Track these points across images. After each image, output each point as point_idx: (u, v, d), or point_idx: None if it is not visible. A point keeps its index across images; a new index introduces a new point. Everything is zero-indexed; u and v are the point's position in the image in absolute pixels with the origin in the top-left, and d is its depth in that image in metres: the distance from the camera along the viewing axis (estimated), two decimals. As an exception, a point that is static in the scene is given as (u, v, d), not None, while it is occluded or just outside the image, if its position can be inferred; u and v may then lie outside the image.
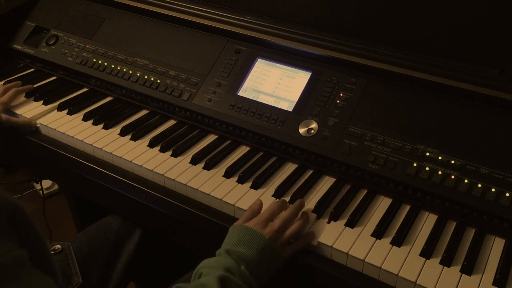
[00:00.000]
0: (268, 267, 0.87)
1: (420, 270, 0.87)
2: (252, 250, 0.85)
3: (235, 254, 0.84)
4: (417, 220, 0.99)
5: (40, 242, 0.70)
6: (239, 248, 0.86)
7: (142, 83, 1.33)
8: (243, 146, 1.20)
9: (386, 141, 1.05)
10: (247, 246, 0.86)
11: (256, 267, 0.84)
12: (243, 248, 0.86)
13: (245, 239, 0.87)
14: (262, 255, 0.86)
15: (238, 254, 0.84)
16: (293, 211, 0.96)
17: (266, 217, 0.93)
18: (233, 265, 0.82)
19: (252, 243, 0.87)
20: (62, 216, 2.30)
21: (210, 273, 0.79)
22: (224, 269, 0.80)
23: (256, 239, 0.87)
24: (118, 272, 1.21)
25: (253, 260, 0.84)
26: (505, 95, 1.00)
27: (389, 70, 1.11)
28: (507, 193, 0.93)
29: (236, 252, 0.85)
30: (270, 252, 0.87)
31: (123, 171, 1.15)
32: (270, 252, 0.87)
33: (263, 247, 0.86)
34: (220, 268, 0.81)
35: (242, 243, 0.87)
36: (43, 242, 0.71)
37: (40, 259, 0.67)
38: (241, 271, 0.82)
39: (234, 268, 0.81)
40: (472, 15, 1.10)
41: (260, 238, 0.87)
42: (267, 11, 1.32)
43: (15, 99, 1.36)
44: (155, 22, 1.43)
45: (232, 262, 0.82)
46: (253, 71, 1.24)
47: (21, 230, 0.65)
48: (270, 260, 0.87)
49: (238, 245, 0.86)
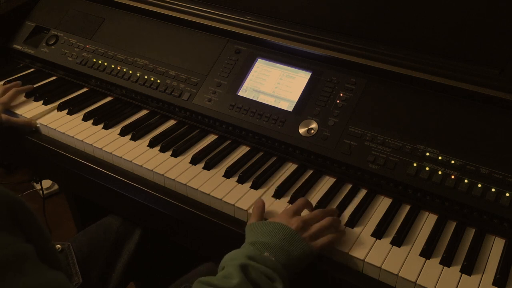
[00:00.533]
0: (297, 255, 0.83)
1: (420, 270, 0.86)
2: (275, 239, 0.83)
3: (257, 243, 0.83)
4: (417, 220, 0.99)
5: (44, 237, 0.70)
6: (262, 238, 0.84)
7: (142, 83, 1.33)
8: (243, 146, 1.20)
9: (386, 141, 1.05)
10: (270, 236, 0.84)
11: (282, 254, 0.81)
12: (266, 238, 0.84)
13: (268, 231, 0.85)
14: (288, 243, 0.83)
15: (260, 243, 0.82)
16: (324, 211, 0.94)
17: (292, 210, 0.91)
18: (255, 253, 0.80)
19: (276, 233, 0.85)
20: (62, 216, 2.30)
21: (231, 264, 0.78)
22: (246, 257, 0.79)
23: (280, 229, 0.85)
24: (118, 272, 1.21)
25: (278, 246, 0.82)
26: (505, 95, 1.00)
27: (389, 70, 1.11)
28: (507, 193, 0.93)
29: (259, 241, 0.83)
30: (296, 240, 0.84)
31: (123, 171, 1.15)
32: (296, 240, 0.84)
33: (289, 236, 0.84)
34: (242, 257, 0.79)
35: (266, 234, 0.85)
36: (47, 237, 0.71)
37: (46, 254, 0.67)
38: (264, 256, 0.80)
39: (256, 255, 0.79)
40: (472, 15, 1.10)
41: (284, 227, 0.85)
42: (267, 11, 1.32)
43: (15, 99, 1.36)
44: (155, 22, 1.43)
45: (254, 250, 0.81)
46: (253, 71, 1.24)
47: (25, 225, 0.65)
48: (296, 249, 0.84)
49: (261, 236, 0.85)
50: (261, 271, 0.77)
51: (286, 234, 0.84)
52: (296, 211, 0.92)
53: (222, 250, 0.87)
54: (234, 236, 0.98)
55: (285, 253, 0.82)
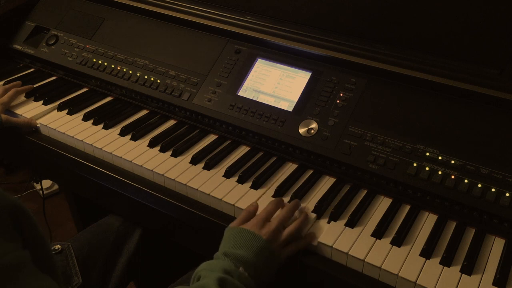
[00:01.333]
0: (267, 268, 0.87)
1: (420, 270, 0.86)
2: (249, 251, 0.85)
3: (233, 256, 0.84)
4: (417, 220, 0.99)
5: (42, 242, 0.70)
6: (237, 250, 0.85)
7: (142, 83, 1.33)
8: (243, 146, 1.20)
9: (386, 141, 1.05)
10: (244, 248, 0.86)
11: (254, 269, 0.84)
12: (240, 250, 0.85)
13: (242, 241, 0.87)
14: (260, 256, 0.86)
15: (236, 256, 0.84)
16: (288, 209, 0.96)
17: (263, 217, 0.92)
18: (231, 267, 0.81)
19: (250, 244, 0.86)
20: (62, 216, 2.30)
21: (209, 276, 0.79)
22: (223, 271, 0.80)
23: (253, 241, 0.87)
24: (118, 272, 1.21)
25: (251, 261, 0.84)
26: (505, 95, 1.00)
27: (389, 70, 1.11)
28: (507, 193, 0.93)
29: (234, 254, 0.84)
30: (268, 252, 0.87)
31: (123, 171, 1.15)
32: (268, 252, 0.87)
33: (261, 248, 0.86)
34: (218, 270, 0.80)
35: (240, 245, 0.86)
36: (45, 242, 0.71)
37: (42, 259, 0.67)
38: (240, 272, 0.82)
39: (232, 270, 0.81)
40: (472, 15, 1.10)
41: (257, 239, 0.87)
42: (267, 11, 1.32)
43: (15, 99, 1.36)
44: (155, 22, 1.43)
45: (230, 264, 0.82)
46: (253, 71, 1.24)
47: (24, 230, 0.65)
48: (269, 261, 0.87)
49: (236, 247, 0.86)
50: (236, 286, 0.79)
51: (259, 246, 0.86)
52: (267, 217, 0.93)
53: (222, 250, 0.87)
54: (234, 236, 0.98)
55: (257, 267, 0.85)
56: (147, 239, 1.27)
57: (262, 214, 0.94)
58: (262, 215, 0.93)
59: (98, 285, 1.18)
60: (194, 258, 1.20)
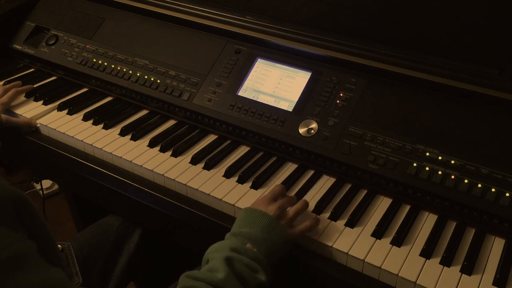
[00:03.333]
0: (276, 245, 0.85)
1: (420, 270, 0.87)
2: (257, 228, 0.85)
3: (240, 235, 0.84)
4: (417, 220, 0.99)
5: (47, 234, 0.70)
6: (244, 228, 0.86)
7: (142, 83, 1.33)
8: (243, 146, 1.20)
9: (386, 141, 1.05)
10: (252, 226, 0.86)
11: (263, 244, 0.83)
12: (247, 228, 0.85)
13: (249, 219, 0.87)
14: (268, 231, 0.85)
15: (243, 234, 0.84)
16: (294, 196, 0.98)
17: (269, 197, 0.93)
18: (238, 245, 0.81)
19: (256, 221, 0.86)
20: (62, 216, 2.30)
21: (216, 257, 0.79)
22: (230, 249, 0.80)
23: (260, 217, 0.87)
24: (118, 272, 1.21)
25: (259, 237, 0.84)
26: (505, 95, 1.00)
27: (389, 70, 1.11)
28: (507, 193, 0.93)
29: (241, 232, 0.84)
30: (276, 228, 0.86)
31: (123, 171, 1.15)
32: (275, 228, 0.86)
33: (268, 224, 0.86)
34: (225, 249, 0.80)
35: (247, 223, 0.87)
36: (50, 234, 0.71)
37: (48, 252, 0.67)
38: (247, 248, 0.81)
39: (239, 247, 0.81)
40: (472, 15, 1.09)
41: (263, 215, 0.87)
42: (267, 11, 1.32)
43: (15, 99, 1.36)
44: (155, 22, 1.43)
45: (237, 242, 0.82)
46: (253, 71, 1.24)
47: (29, 222, 0.65)
48: (277, 236, 0.86)
49: (243, 226, 0.86)
50: (244, 263, 0.79)
51: (266, 222, 0.86)
52: (273, 198, 0.94)
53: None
54: (234, 236, 0.98)
55: (265, 242, 0.84)
56: (147, 239, 1.27)
57: (268, 194, 0.95)
58: (269, 196, 0.94)
59: (98, 285, 1.18)
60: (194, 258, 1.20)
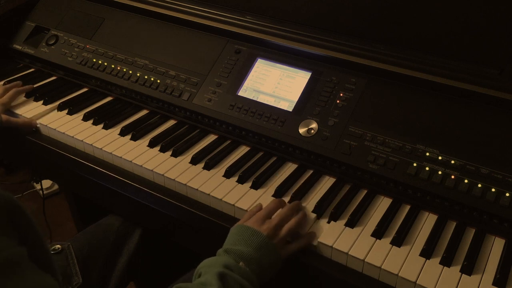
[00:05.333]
0: (269, 264, 0.87)
1: (420, 270, 0.86)
2: (250, 247, 0.86)
3: (233, 252, 0.84)
4: (417, 220, 0.99)
5: (39, 240, 0.69)
6: (237, 246, 0.86)
7: (142, 83, 1.33)
8: (243, 146, 1.20)
9: (386, 141, 1.05)
10: (245, 244, 0.86)
11: (255, 264, 0.84)
12: (241, 246, 0.86)
13: (242, 237, 0.87)
14: (261, 251, 0.86)
15: (236, 252, 0.84)
16: (290, 208, 0.97)
17: (263, 214, 0.93)
18: (231, 262, 0.82)
19: (250, 240, 0.87)
20: (62, 216, 2.30)
21: (209, 271, 0.80)
22: (223, 266, 0.81)
23: (254, 236, 0.87)
24: (118, 272, 1.21)
25: (252, 256, 0.84)
26: (505, 95, 1.00)
27: (389, 70, 1.11)
28: (507, 193, 0.93)
29: (234, 250, 0.85)
30: (269, 248, 0.87)
31: (123, 171, 1.15)
32: (268, 248, 0.87)
33: (261, 244, 0.86)
34: (219, 265, 0.81)
35: (240, 241, 0.87)
36: (42, 240, 0.70)
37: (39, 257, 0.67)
38: (240, 267, 0.82)
39: (232, 265, 0.81)
40: (472, 15, 1.10)
41: (257, 234, 0.87)
42: (267, 11, 1.32)
43: (15, 99, 1.36)
44: (155, 22, 1.43)
45: (230, 259, 0.83)
46: (253, 71, 1.24)
47: (20, 227, 0.65)
48: (269, 256, 0.87)
49: (237, 244, 0.87)
50: (236, 280, 0.79)
51: (259, 241, 0.87)
52: (268, 215, 0.94)
53: (222, 250, 0.87)
54: (234, 236, 0.98)
55: (258, 264, 0.85)
56: (147, 239, 1.27)
57: (263, 212, 0.94)
58: (263, 213, 0.94)
59: (98, 285, 1.18)
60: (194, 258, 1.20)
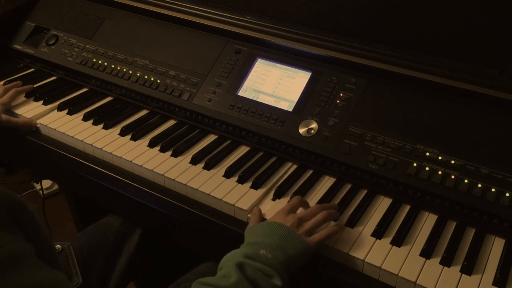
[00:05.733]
0: (295, 252, 0.83)
1: (420, 270, 0.87)
2: (272, 237, 0.84)
3: (254, 243, 0.83)
4: (417, 220, 0.99)
5: (43, 236, 0.70)
6: (259, 238, 0.84)
7: (142, 83, 1.33)
8: (243, 146, 1.20)
9: (386, 141, 1.05)
10: (268, 235, 0.84)
11: (280, 251, 0.82)
12: (263, 238, 0.84)
13: (266, 230, 0.86)
14: (284, 240, 0.84)
15: (258, 242, 0.83)
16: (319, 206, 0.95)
17: (287, 209, 0.92)
18: (251, 252, 0.81)
19: (272, 232, 0.85)
20: (62, 216, 2.30)
21: (229, 264, 0.79)
22: (243, 256, 0.80)
23: (277, 228, 0.86)
24: (118, 272, 1.21)
25: (274, 244, 0.82)
26: (505, 95, 1.00)
27: (389, 70, 1.11)
28: (507, 193, 0.93)
29: (256, 241, 0.84)
30: (293, 238, 0.85)
31: (123, 171, 1.15)
32: (292, 237, 0.85)
33: (285, 233, 0.85)
34: (238, 256, 0.80)
35: (263, 234, 0.85)
36: (47, 237, 0.71)
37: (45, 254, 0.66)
38: (260, 254, 0.80)
39: (252, 254, 0.80)
40: (472, 15, 1.10)
41: (280, 225, 0.86)
42: (267, 11, 1.32)
43: (15, 99, 1.36)
44: (155, 22, 1.43)
45: (250, 249, 0.82)
46: (253, 71, 1.24)
47: (24, 224, 0.65)
48: (293, 246, 0.84)
49: (259, 236, 0.85)
50: (257, 268, 0.78)
51: (282, 232, 0.85)
52: (291, 210, 0.93)
53: (222, 250, 0.87)
54: (234, 236, 0.98)
55: (282, 250, 0.82)
56: (147, 239, 1.27)
57: (286, 206, 0.93)
58: (286, 208, 0.93)
59: (98, 285, 1.18)
60: (194, 258, 1.20)
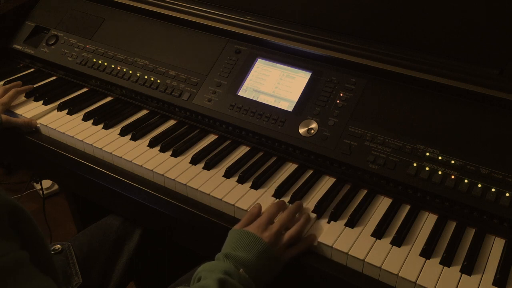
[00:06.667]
0: (268, 271, 0.87)
1: (420, 270, 0.87)
2: (250, 254, 0.85)
3: (233, 258, 0.84)
4: (417, 220, 0.99)
5: (41, 243, 0.70)
6: (238, 252, 0.86)
7: (142, 83, 1.33)
8: (243, 146, 1.20)
9: (386, 141, 1.05)
10: (245, 250, 0.86)
11: (255, 271, 0.84)
12: (241, 252, 0.85)
13: (244, 243, 0.87)
14: (261, 259, 0.86)
15: (236, 258, 0.84)
16: (290, 211, 0.96)
17: (265, 220, 0.92)
18: (231, 269, 0.82)
19: (251, 247, 0.86)
20: (62, 216, 2.30)
21: (209, 276, 0.79)
22: (223, 272, 0.80)
23: (255, 243, 0.87)
24: (118, 272, 1.21)
25: (252, 264, 0.84)
26: (505, 95, 1.00)
27: (389, 70, 1.11)
28: (507, 193, 0.93)
29: (235, 256, 0.85)
30: (269, 256, 0.87)
31: (123, 171, 1.15)
32: (269, 256, 0.87)
33: (262, 251, 0.86)
34: (219, 271, 0.81)
35: (241, 247, 0.87)
36: (44, 243, 0.71)
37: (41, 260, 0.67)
38: (240, 274, 0.82)
39: (232, 271, 0.81)
40: (472, 15, 1.10)
41: (258, 242, 0.87)
42: (267, 11, 1.31)
43: (15, 99, 1.36)
44: (155, 22, 1.43)
45: (231, 266, 0.82)
46: (253, 71, 1.24)
47: (23, 231, 0.65)
48: (270, 264, 0.87)
49: (237, 249, 0.86)
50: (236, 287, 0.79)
51: (260, 249, 0.87)
52: (269, 221, 0.93)
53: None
54: (234, 236, 0.98)
55: (257, 269, 0.85)
56: (147, 239, 1.27)
57: (264, 217, 0.94)
58: (264, 218, 0.93)
59: (98, 285, 1.18)
60: (194, 258, 1.20)
